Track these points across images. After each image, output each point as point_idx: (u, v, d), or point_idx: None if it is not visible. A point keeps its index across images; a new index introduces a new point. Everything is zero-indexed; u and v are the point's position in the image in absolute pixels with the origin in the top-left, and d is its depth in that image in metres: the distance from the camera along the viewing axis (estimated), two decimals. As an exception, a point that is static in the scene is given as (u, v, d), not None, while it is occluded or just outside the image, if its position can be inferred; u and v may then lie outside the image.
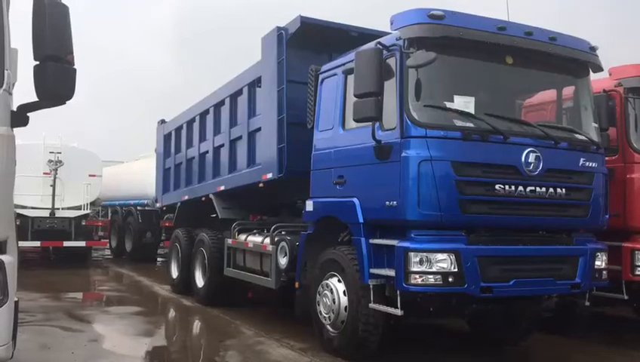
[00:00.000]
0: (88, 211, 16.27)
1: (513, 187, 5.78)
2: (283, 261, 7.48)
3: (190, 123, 11.42)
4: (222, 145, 9.91)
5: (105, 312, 9.67)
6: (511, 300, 6.04)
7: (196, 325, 8.82)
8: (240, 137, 9.26)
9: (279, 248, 7.59)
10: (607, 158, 6.73)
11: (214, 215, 10.00)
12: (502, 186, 5.75)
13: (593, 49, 6.54)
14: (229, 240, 9.20)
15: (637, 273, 7.10)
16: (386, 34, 6.36)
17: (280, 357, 6.54)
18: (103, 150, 18.16)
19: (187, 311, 9.51)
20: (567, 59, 6.36)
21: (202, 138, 10.78)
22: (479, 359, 6.79)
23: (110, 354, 6.74)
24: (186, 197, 11.30)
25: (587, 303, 6.55)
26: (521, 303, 6.39)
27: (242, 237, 8.97)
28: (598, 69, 6.67)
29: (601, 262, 6.29)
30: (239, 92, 9.39)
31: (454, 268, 5.48)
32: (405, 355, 6.76)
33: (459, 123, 5.78)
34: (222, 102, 9.98)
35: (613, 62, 7.64)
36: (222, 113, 10.02)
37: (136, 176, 17.23)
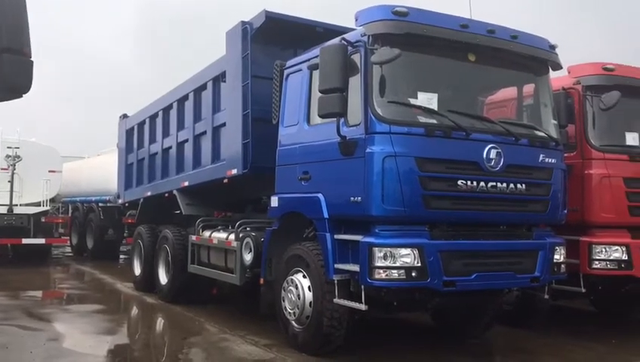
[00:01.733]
0: (48, 208, 15.90)
1: (475, 182, 5.87)
2: (248, 257, 7.44)
3: (153, 118, 11.25)
4: (186, 141, 9.79)
5: (65, 311, 9.47)
6: (473, 294, 6.13)
7: (159, 322, 8.72)
8: (204, 133, 9.17)
9: (244, 244, 7.55)
10: (565, 155, 6.88)
11: (178, 211, 9.89)
12: (464, 182, 5.83)
13: (553, 47, 6.68)
14: (193, 237, 9.11)
15: (594, 266, 7.30)
16: (351, 30, 6.38)
17: (244, 353, 6.51)
18: (63, 145, 17.80)
19: (150, 309, 9.39)
20: (528, 57, 6.48)
21: (165, 133, 10.63)
22: (442, 352, 6.89)
23: (71, 353, 6.61)
24: (149, 194, 11.14)
25: (546, 296, 6.72)
26: (482, 297, 6.51)
27: (206, 233, 8.89)
28: (558, 67, 6.82)
29: (559, 255, 6.44)
30: (203, 87, 9.28)
31: (418, 262, 5.55)
32: (370, 349, 6.80)
33: (422, 119, 5.84)
34: (186, 97, 9.86)
35: (572, 61, 7.84)
36: (186, 108, 9.90)
37: (98, 171, 16.89)
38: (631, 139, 7.70)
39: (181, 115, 10.07)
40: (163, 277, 9.92)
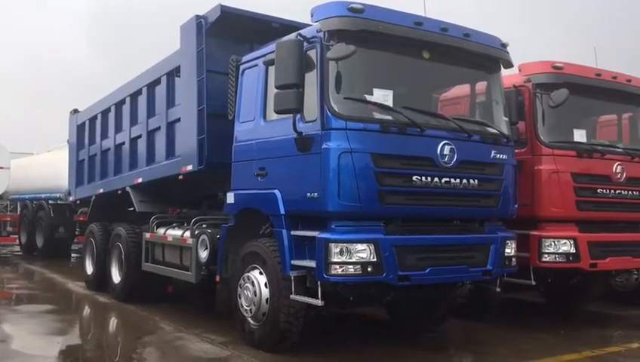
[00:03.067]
0: (-5, 206, 15.38)
1: (429, 178, 5.95)
2: (203, 254, 7.37)
3: (105, 113, 10.99)
4: (139, 137, 9.60)
5: (14, 311, 9.16)
6: (427, 288, 6.23)
7: (113, 322, 8.55)
8: (158, 128, 9.01)
9: (200, 241, 7.47)
10: (516, 151, 7.04)
11: (131, 208, 9.70)
12: (419, 177, 5.90)
13: (504, 46, 6.83)
14: (147, 234, 8.96)
15: (544, 259, 7.51)
16: (307, 26, 6.37)
17: (200, 351, 6.45)
18: (11, 141, 17.14)
19: (103, 308, 9.19)
20: (480, 55, 6.61)
21: (118, 129, 10.39)
22: (397, 346, 6.98)
23: (19, 355, 6.41)
24: (101, 191, 10.89)
25: (498, 289, 6.87)
26: (436, 290, 6.61)
27: (161, 230, 8.76)
28: (509, 65, 6.97)
29: (510, 249, 6.60)
30: (157, 81, 9.12)
31: (373, 257, 5.59)
32: (326, 344, 6.83)
33: (378, 115, 5.88)
34: (139, 92, 9.66)
35: (524, 59, 8.04)
36: (139, 103, 9.70)
37: (48, 168, 16.40)
38: (579, 135, 7.95)
39: (134, 110, 9.86)
40: (116, 276, 9.72)
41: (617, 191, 7.91)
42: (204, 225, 7.77)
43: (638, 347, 7.32)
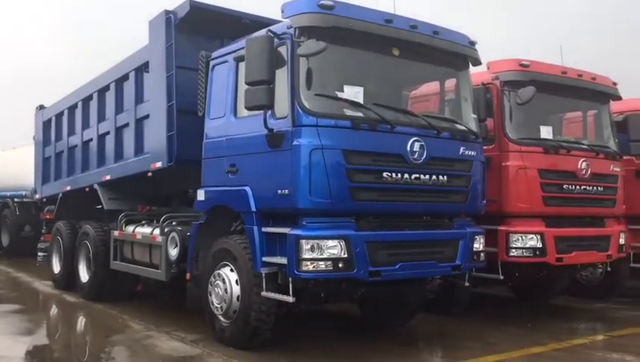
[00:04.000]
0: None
1: (399, 175, 6.00)
2: (173, 252, 7.30)
3: (72, 109, 10.79)
4: (107, 133, 9.46)
5: (-22, 312, 8.96)
6: (397, 283, 6.28)
7: (81, 321, 8.42)
8: (127, 124, 8.89)
9: (169, 239, 7.40)
10: (484, 147, 7.14)
11: (100, 206, 9.54)
12: (389, 174, 5.94)
13: (472, 43, 6.91)
14: (116, 232, 8.84)
15: (511, 254, 7.64)
16: (278, 22, 6.35)
17: (170, 350, 6.40)
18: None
19: (71, 308, 9.05)
20: (449, 53, 6.67)
21: (85, 125, 10.22)
22: (368, 341, 7.03)
23: (-17, 357, 6.27)
24: (69, 188, 10.70)
25: (467, 284, 6.97)
26: (407, 285, 6.66)
27: (130, 228, 8.65)
28: (477, 62, 7.06)
29: (479, 244, 6.69)
30: (125, 77, 9.00)
31: (344, 253, 5.62)
32: (298, 341, 6.85)
33: (349, 112, 5.90)
34: (107, 88, 9.52)
35: (492, 57, 8.15)
36: (107, 99, 9.57)
37: (13, 166, 16.05)
38: (545, 132, 8.10)
39: (102, 106, 9.71)
40: (84, 275, 9.58)
41: (582, 187, 8.09)
42: (174, 223, 7.70)
43: (602, 339, 7.52)
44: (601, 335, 7.77)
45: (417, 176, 6.11)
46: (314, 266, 5.55)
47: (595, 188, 8.21)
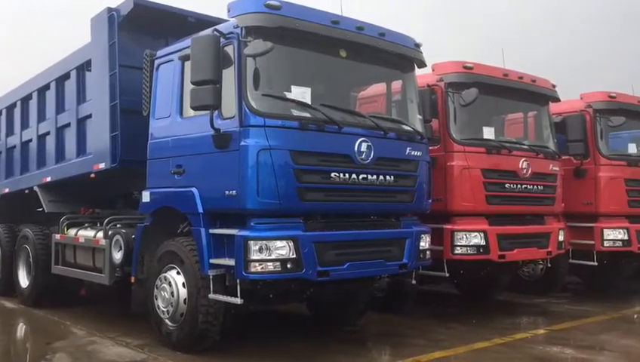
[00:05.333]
0: None
1: (347, 175, 6.04)
2: (118, 255, 7.13)
3: (10, 109, 10.39)
4: (48, 133, 9.16)
5: None
6: (346, 282, 6.31)
7: (20, 328, 8.12)
8: (68, 125, 8.64)
9: (113, 242, 7.22)
10: (430, 148, 7.27)
11: (40, 209, 9.23)
12: (337, 174, 5.98)
13: (418, 46, 7.03)
14: (57, 236, 8.56)
15: (456, 252, 7.82)
16: (224, 21, 6.29)
17: (115, 355, 6.25)
18: None
19: (10, 314, 8.73)
20: (395, 55, 6.76)
21: (25, 125, 9.87)
22: (318, 341, 7.05)
23: None
24: (7, 190, 10.29)
25: (414, 282, 7.08)
26: (355, 285, 6.71)
27: (72, 231, 8.40)
28: (422, 64, 7.19)
29: (425, 243, 6.81)
30: (66, 76, 8.74)
31: (293, 254, 5.61)
32: (247, 342, 6.80)
33: (296, 113, 5.90)
34: (47, 87, 9.22)
35: (437, 59, 8.32)
36: (47, 98, 9.26)
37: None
38: (488, 133, 8.32)
39: (42, 106, 9.40)
40: (24, 280, 9.25)
41: (523, 186, 8.35)
42: (118, 225, 7.52)
43: (543, 333, 7.77)
44: (542, 329, 8.03)
45: (365, 176, 6.16)
46: (262, 267, 5.52)
47: (535, 187, 8.49)
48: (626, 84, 10.82)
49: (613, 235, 9.54)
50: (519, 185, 8.31)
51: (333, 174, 5.95)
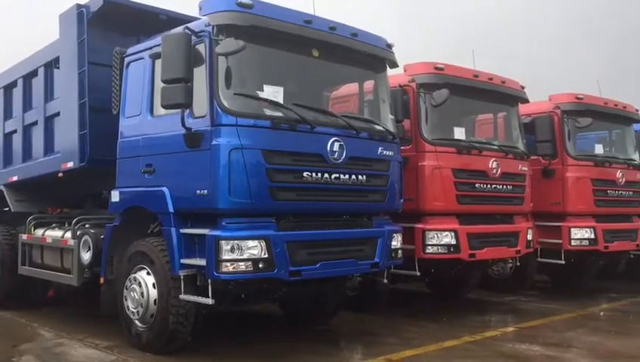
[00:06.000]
0: None
1: (319, 174, 6.04)
2: (86, 256, 7.03)
3: (-25, 106, 10.13)
4: (14, 132, 8.98)
5: None
6: (318, 282, 6.32)
7: (-15, 331, 7.92)
8: (35, 123, 8.49)
9: (82, 242, 7.12)
10: (402, 147, 7.33)
11: (7, 208, 9.04)
12: (309, 174, 5.97)
13: (390, 46, 7.07)
14: (24, 236, 8.39)
15: (427, 251, 7.89)
16: (196, 19, 6.24)
17: (83, 357, 6.16)
18: None
19: (-26, 317, 8.50)
20: (367, 55, 6.79)
21: (-10, 123, 9.64)
22: (290, 340, 7.04)
23: None
24: (-29, 190, 10.03)
25: (385, 281, 7.13)
26: (327, 284, 6.72)
27: (39, 231, 8.24)
28: (394, 65, 7.24)
29: (396, 242, 6.86)
30: (34, 73, 8.58)
31: (265, 254, 5.60)
32: (218, 343, 6.76)
33: (269, 112, 5.88)
34: (14, 84, 9.04)
35: (409, 59, 8.38)
36: (14, 96, 9.08)
37: None
38: (458, 133, 8.43)
39: (8, 104, 9.22)
40: (-11, 281, 9.03)
41: (493, 186, 8.47)
42: (86, 225, 7.41)
43: (512, 330, 7.90)
44: (511, 326, 8.16)
45: (337, 175, 6.17)
46: (234, 267, 5.49)
47: (504, 186, 8.62)
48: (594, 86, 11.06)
49: (580, 234, 9.74)
50: (489, 185, 8.42)
51: (305, 174, 5.95)
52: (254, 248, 5.57)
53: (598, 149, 10.60)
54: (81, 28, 7.34)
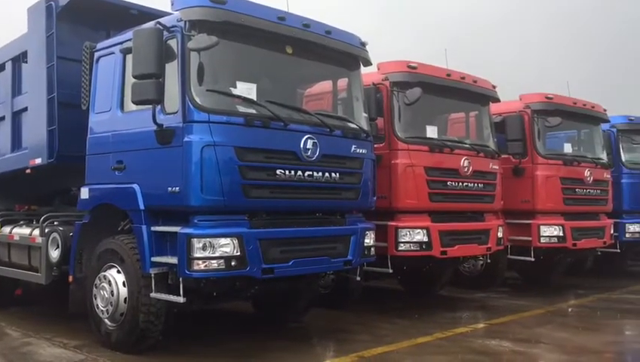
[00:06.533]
0: None
1: (293, 172, 6.02)
2: (55, 254, 6.91)
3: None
4: (-20, 127, 8.76)
5: None
6: (291, 279, 6.31)
7: (-51, 331, 7.72)
8: (3, 118, 8.33)
9: (50, 240, 6.99)
10: (375, 145, 7.35)
11: (-28, 206, 8.82)
12: (282, 171, 5.95)
13: (363, 44, 7.08)
14: (-10, 234, 8.21)
15: (400, 248, 7.94)
16: (168, 14, 6.17)
17: (51, 357, 6.05)
18: None
19: (-63, 317, 8.28)
20: (341, 53, 6.79)
21: (-45, 118, 9.40)
22: (262, 338, 7.01)
23: None
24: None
25: (358, 278, 7.15)
26: (300, 282, 6.72)
27: (6, 229, 8.07)
28: (368, 63, 7.25)
29: (369, 239, 6.88)
30: (1, 67, 8.44)
31: (237, 251, 5.57)
32: (190, 341, 6.71)
33: (242, 109, 5.85)
34: (-20, 78, 8.81)
35: (382, 58, 8.42)
36: (-20, 90, 8.85)
37: None
38: (431, 131, 8.49)
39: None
40: (-45, 280, 8.80)
41: (464, 184, 8.56)
42: (55, 223, 7.29)
43: (483, 327, 7.99)
44: (482, 323, 8.26)
45: (310, 173, 6.16)
46: (206, 265, 5.45)
47: (476, 184, 8.72)
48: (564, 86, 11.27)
49: (549, 232, 9.91)
50: (461, 183, 8.51)
51: (278, 171, 5.93)
52: (227, 246, 5.53)
53: (567, 148, 10.79)
54: (49, 22, 7.22)
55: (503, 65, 23.63)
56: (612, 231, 11.07)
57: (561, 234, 9.95)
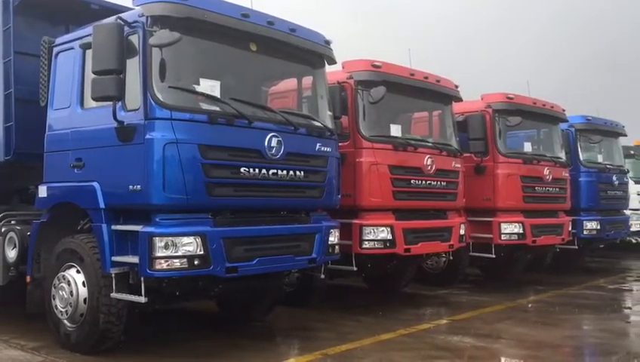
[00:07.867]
0: None
1: (257, 170, 5.99)
2: (12, 253, 6.73)
3: None
4: None
5: None
6: (255, 278, 6.27)
7: None
8: (-44, 114, 8.01)
9: (7, 239, 6.81)
10: (340, 144, 7.36)
11: None
12: (247, 169, 5.91)
13: (328, 43, 7.09)
14: (-56, 234, 7.92)
15: (364, 246, 7.99)
16: (129, 9, 6.06)
17: (8, 359, 5.89)
18: None
19: None
20: (305, 51, 6.79)
21: None
22: (226, 337, 6.98)
23: None
24: None
25: (323, 276, 7.17)
26: (264, 280, 6.69)
27: (-39, 229, 7.79)
28: (332, 61, 7.26)
29: (334, 237, 6.90)
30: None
31: (200, 250, 5.51)
32: (152, 341, 6.63)
33: (205, 106, 5.78)
34: None
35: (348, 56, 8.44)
36: None
37: None
38: (395, 130, 8.56)
39: None
40: None
41: (428, 182, 8.66)
42: (12, 222, 7.09)
43: (445, 323, 8.11)
44: (444, 319, 8.38)
45: (275, 171, 6.14)
46: (168, 264, 5.38)
47: (438, 183, 8.83)
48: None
49: (510, 229, 10.12)
50: (424, 181, 8.61)
51: (242, 169, 5.89)
52: (189, 244, 5.47)
53: (527, 147, 11.03)
54: (6, 16, 7.02)
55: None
56: (570, 229, 11.37)
57: (521, 231, 10.17)
